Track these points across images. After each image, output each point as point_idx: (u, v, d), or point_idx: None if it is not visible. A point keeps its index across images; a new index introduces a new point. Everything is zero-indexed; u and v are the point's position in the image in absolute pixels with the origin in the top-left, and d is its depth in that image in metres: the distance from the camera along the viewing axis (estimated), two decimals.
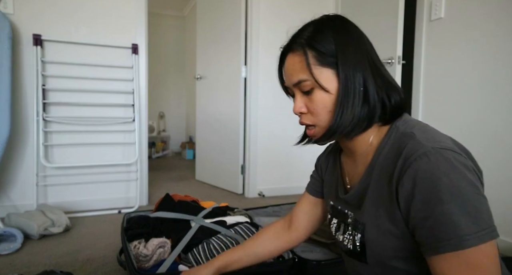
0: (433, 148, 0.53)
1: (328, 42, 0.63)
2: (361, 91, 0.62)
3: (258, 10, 2.64)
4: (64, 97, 2.17)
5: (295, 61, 0.65)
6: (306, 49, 0.64)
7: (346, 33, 0.65)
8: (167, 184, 3.06)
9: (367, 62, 0.64)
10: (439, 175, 0.51)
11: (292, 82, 0.67)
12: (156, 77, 5.18)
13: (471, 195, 0.50)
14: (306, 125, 0.69)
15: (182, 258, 1.23)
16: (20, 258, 1.48)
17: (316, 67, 0.63)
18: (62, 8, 2.14)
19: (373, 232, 0.63)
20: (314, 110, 0.65)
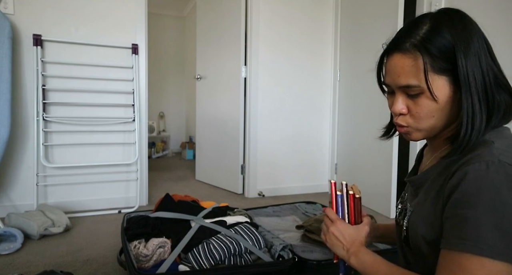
0: (500, 161, 0.52)
1: (447, 45, 0.58)
2: (484, 98, 0.58)
3: (258, 10, 2.64)
4: (64, 97, 2.17)
5: (406, 64, 0.61)
6: (422, 53, 0.59)
7: (466, 32, 0.59)
8: (167, 184, 3.06)
9: (487, 64, 0.60)
10: (489, 185, 0.50)
11: (399, 85, 0.63)
12: (156, 77, 5.17)
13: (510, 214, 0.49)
14: (399, 125, 0.66)
15: (182, 258, 1.23)
16: (20, 258, 1.48)
17: (430, 73, 0.59)
18: (62, 8, 2.14)
19: (415, 217, 0.65)
20: (417, 114, 0.63)
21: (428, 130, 0.64)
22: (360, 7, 2.54)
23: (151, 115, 5.05)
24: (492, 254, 0.48)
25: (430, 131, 0.64)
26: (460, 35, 0.59)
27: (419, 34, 0.60)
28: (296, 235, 1.55)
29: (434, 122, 0.63)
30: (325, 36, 2.86)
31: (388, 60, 0.65)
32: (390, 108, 0.68)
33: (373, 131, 2.38)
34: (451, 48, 0.58)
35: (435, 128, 0.64)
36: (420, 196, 0.67)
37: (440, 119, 0.62)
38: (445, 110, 0.61)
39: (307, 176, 2.88)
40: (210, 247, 1.20)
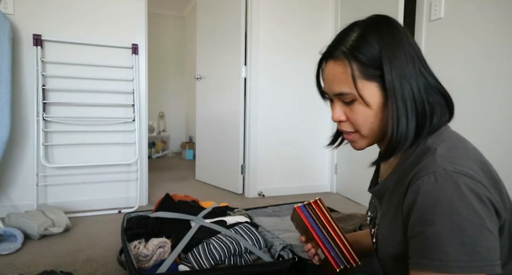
0: (444, 170, 0.52)
1: (374, 53, 0.60)
2: (411, 104, 0.60)
3: (258, 10, 2.64)
4: (64, 97, 2.17)
5: (337, 71, 0.63)
6: (350, 60, 0.61)
7: (393, 40, 0.61)
8: (167, 184, 3.06)
9: (415, 71, 0.61)
10: (441, 198, 0.50)
11: (333, 92, 0.65)
12: (156, 77, 5.17)
13: (471, 225, 0.48)
14: (347, 132, 0.67)
15: (182, 258, 1.23)
16: (20, 258, 1.48)
17: (360, 80, 0.61)
18: (62, 8, 2.14)
19: (383, 232, 0.66)
20: (355, 121, 0.64)
21: (370, 136, 0.65)
22: (360, 7, 2.54)
23: (151, 115, 5.05)
24: (461, 270, 0.48)
25: (373, 137, 0.66)
26: (387, 43, 0.60)
27: (349, 42, 0.62)
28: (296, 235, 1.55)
29: (372, 128, 0.64)
30: (325, 36, 2.85)
31: (324, 68, 0.67)
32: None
33: None
34: (378, 56, 0.60)
35: (376, 134, 0.65)
36: (384, 207, 0.68)
37: (378, 125, 0.63)
38: (379, 115, 0.62)
39: (307, 176, 2.88)
40: (210, 247, 1.20)
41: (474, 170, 0.53)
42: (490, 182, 0.53)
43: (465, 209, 0.49)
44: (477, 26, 1.73)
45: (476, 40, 1.74)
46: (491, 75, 1.67)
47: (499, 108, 1.63)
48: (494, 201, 0.52)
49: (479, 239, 0.48)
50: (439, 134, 0.61)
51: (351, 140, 0.68)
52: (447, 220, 0.49)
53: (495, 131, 1.65)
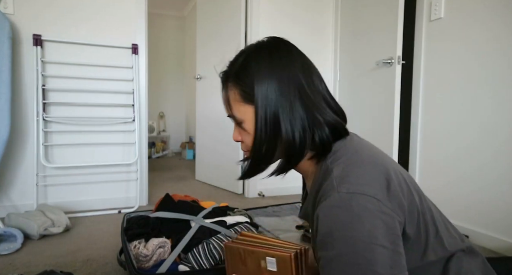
0: (338, 192, 0.53)
1: (251, 79, 0.63)
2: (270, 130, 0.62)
3: (258, 10, 2.64)
4: (64, 97, 2.17)
5: (224, 97, 0.69)
6: (232, 85, 0.66)
7: (270, 67, 0.63)
8: (167, 184, 3.06)
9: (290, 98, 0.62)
10: (336, 222, 0.52)
11: (227, 114, 0.71)
12: (156, 77, 5.17)
13: (364, 246, 0.50)
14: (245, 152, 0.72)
15: (182, 258, 1.23)
16: (20, 258, 1.48)
17: (240, 103, 0.65)
18: (62, 8, 2.14)
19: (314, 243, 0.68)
20: (245, 142, 0.68)
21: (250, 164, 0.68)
22: (360, 7, 2.54)
23: (151, 115, 5.05)
24: None
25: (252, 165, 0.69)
26: (262, 71, 0.62)
27: (235, 67, 0.67)
28: (296, 235, 1.55)
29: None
30: (325, 35, 2.85)
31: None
32: None
33: (373, 131, 2.38)
34: (254, 79, 0.62)
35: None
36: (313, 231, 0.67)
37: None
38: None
39: None
40: (210, 247, 1.20)
41: (369, 185, 0.54)
42: (390, 193, 0.55)
43: (357, 231, 0.51)
44: (477, 26, 1.73)
45: (476, 40, 1.73)
46: (491, 74, 1.67)
47: (499, 107, 1.63)
48: (392, 213, 0.53)
49: (373, 257, 0.50)
50: (335, 152, 0.63)
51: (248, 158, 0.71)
52: (342, 244, 0.51)
53: (495, 130, 1.65)
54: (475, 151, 1.73)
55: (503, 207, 1.60)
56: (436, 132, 1.95)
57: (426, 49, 2.02)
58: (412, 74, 2.12)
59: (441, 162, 1.91)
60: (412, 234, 0.58)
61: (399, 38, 2.10)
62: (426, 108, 2.02)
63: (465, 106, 1.79)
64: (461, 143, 1.81)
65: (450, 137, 1.86)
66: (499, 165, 1.62)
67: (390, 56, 2.15)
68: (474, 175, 1.73)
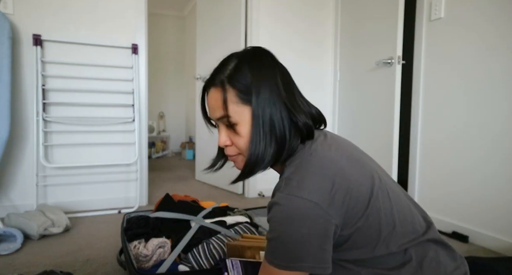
0: (281, 192, 0.62)
1: (246, 81, 0.67)
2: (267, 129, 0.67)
3: (258, 10, 2.64)
4: (64, 97, 2.17)
5: (218, 97, 0.69)
6: (228, 87, 0.68)
7: (260, 73, 0.68)
8: (167, 184, 3.06)
9: (278, 101, 0.68)
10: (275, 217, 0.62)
11: (215, 117, 0.71)
12: (156, 77, 5.17)
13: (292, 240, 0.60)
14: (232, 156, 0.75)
15: (182, 258, 1.23)
16: (20, 258, 1.48)
17: (237, 104, 0.67)
18: (62, 8, 2.14)
19: None
20: (237, 144, 0.70)
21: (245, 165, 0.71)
22: (360, 8, 2.54)
23: (151, 115, 5.05)
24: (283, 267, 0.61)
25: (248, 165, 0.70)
26: (255, 75, 0.68)
27: (227, 71, 0.69)
28: None
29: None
30: (325, 36, 2.85)
31: (207, 96, 0.73)
32: None
33: (373, 131, 2.38)
34: (249, 80, 0.67)
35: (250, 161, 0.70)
36: None
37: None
38: None
39: None
40: (210, 247, 1.20)
41: (309, 190, 0.61)
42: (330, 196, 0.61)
43: (290, 228, 0.60)
44: (477, 26, 1.73)
45: (476, 40, 1.73)
46: (491, 75, 1.67)
47: (499, 107, 1.63)
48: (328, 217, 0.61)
49: (300, 249, 0.60)
50: (293, 156, 0.70)
51: (234, 161, 0.77)
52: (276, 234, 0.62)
53: (495, 130, 1.64)
54: (476, 151, 1.73)
55: (503, 207, 1.60)
56: (436, 132, 1.95)
57: (426, 49, 2.02)
58: (412, 74, 2.12)
59: (441, 162, 1.91)
60: (354, 234, 0.65)
61: (399, 38, 2.10)
62: (426, 108, 2.02)
63: (465, 106, 1.79)
64: (461, 143, 1.80)
65: (451, 137, 1.86)
66: (500, 165, 1.62)
67: (390, 56, 2.15)
68: (475, 175, 1.73)
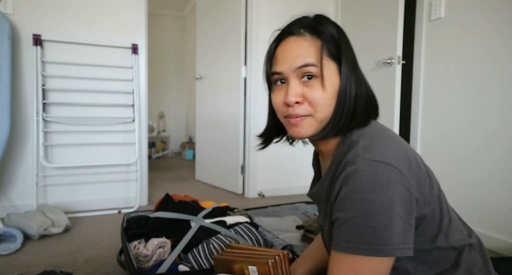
0: (364, 159, 0.55)
1: (334, 34, 0.64)
2: (353, 90, 0.63)
3: (258, 10, 2.63)
4: (64, 97, 2.17)
5: (303, 45, 0.63)
6: (315, 36, 0.63)
7: (344, 33, 0.67)
8: (167, 184, 3.06)
9: (358, 66, 0.66)
10: (359, 186, 0.53)
11: (296, 65, 0.62)
12: (156, 77, 5.17)
13: (382, 211, 0.52)
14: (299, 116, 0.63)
15: (182, 258, 1.23)
16: (20, 258, 1.48)
17: (325, 57, 0.62)
18: (62, 8, 2.14)
19: (325, 235, 0.69)
20: (314, 101, 0.62)
21: (321, 122, 0.63)
22: (360, 8, 2.54)
23: (151, 115, 5.05)
24: (370, 252, 0.52)
25: (322, 124, 0.64)
26: (342, 34, 0.66)
27: (310, 22, 0.66)
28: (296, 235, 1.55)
29: (328, 112, 0.63)
30: None
31: (281, 46, 0.66)
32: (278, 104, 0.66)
33: None
34: (337, 38, 0.64)
35: (326, 120, 0.64)
36: (323, 210, 0.70)
37: (332, 109, 0.63)
38: (335, 99, 0.63)
39: (307, 176, 2.86)
40: (210, 247, 1.20)
41: (393, 158, 0.55)
42: (411, 170, 0.56)
43: (378, 196, 0.52)
44: (477, 26, 1.73)
45: (476, 40, 1.73)
46: (491, 75, 1.66)
47: (498, 107, 1.63)
48: (411, 188, 0.54)
49: (390, 224, 0.51)
50: (363, 129, 0.64)
51: (296, 124, 0.64)
52: (361, 206, 0.53)
53: (495, 130, 1.64)
54: (476, 151, 1.73)
55: (503, 207, 1.60)
56: (436, 132, 1.95)
57: (426, 49, 2.02)
58: (412, 74, 2.12)
59: (441, 162, 1.91)
60: (427, 214, 0.58)
61: (399, 38, 2.10)
62: (426, 108, 2.02)
63: (465, 106, 1.79)
64: (462, 144, 1.80)
65: (451, 138, 1.86)
66: (502, 166, 1.62)
67: (390, 56, 2.14)
68: (474, 175, 1.73)
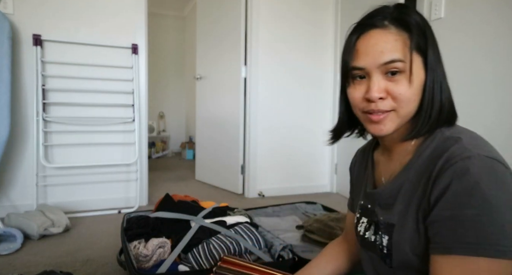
0: (479, 155, 0.51)
1: (420, 24, 0.60)
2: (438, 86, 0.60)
3: (258, 10, 2.63)
4: (64, 97, 2.17)
5: (389, 38, 0.59)
6: (401, 28, 0.59)
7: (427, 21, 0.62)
8: (167, 184, 3.06)
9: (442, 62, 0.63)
10: (479, 181, 0.49)
11: (381, 61, 0.59)
12: (156, 77, 5.17)
13: (508, 209, 0.48)
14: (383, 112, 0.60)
15: (182, 258, 1.23)
16: (20, 258, 1.48)
17: (409, 50, 0.59)
18: (62, 8, 2.14)
19: (401, 235, 0.61)
20: (399, 96, 0.59)
21: (404, 118, 0.61)
22: (360, 8, 2.53)
23: (151, 115, 5.05)
24: (500, 254, 0.47)
25: (404, 120, 0.61)
26: (426, 22, 0.61)
27: (394, 13, 0.61)
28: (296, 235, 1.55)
29: (412, 107, 0.60)
30: (325, 35, 2.85)
31: (363, 40, 0.61)
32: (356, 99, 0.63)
33: None
34: (423, 28, 0.60)
35: (409, 116, 0.61)
36: (397, 208, 0.62)
37: (417, 104, 0.60)
38: (420, 94, 0.60)
39: (307, 176, 2.87)
40: (210, 247, 1.20)
41: (502, 157, 0.53)
42: None
43: (502, 193, 0.49)
44: (477, 26, 1.73)
45: (476, 40, 1.73)
46: (491, 75, 1.66)
47: (498, 107, 1.63)
48: None
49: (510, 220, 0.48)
50: (454, 128, 0.61)
51: (382, 122, 0.61)
52: (486, 203, 0.48)
53: (495, 130, 1.64)
54: None
55: None
56: None
57: None
58: None
59: None
60: None
61: None
62: None
63: (465, 106, 1.79)
64: None
65: None
66: None
67: None
68: None
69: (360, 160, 0.83)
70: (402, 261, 0.61)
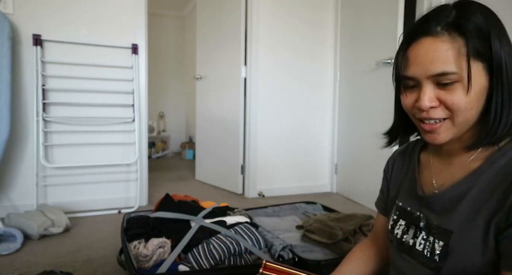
0: None
1: (481, 26, 0.54)
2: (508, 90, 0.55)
3: (258, 10, 2.64)
4: (64, 97, 2.17)
5: (441, 48, 0.55)
6: (456, 36, 0.54)
7: (496, 19, 0.57)
8: (167, 184, 3.06)
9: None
10: None
11: (431, 73, 0.56)
12: (156, 77, 5.17)
13: None
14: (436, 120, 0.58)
15: (182, 258, 1.23)
16: (20, 258, 1.48)
17: (465, 57, 0.54)
18: (62, 8, 2.14)
19: (461, 243, 0.57)
20: (454, 106, 0.56)
21: (461, 126, 0.58)
22: (360, 8, 2.54)
23: (151, 115, 5.04)
24: None
25: (462, 128, 0.58)
26: (491, 18, 0.56)
27: (450, 16, 0.56)
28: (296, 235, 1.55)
29: (470, 115, 0.57)
30: (325, 35, 2.85)
31: (414, 48, 0.58)
32: (408, 106, 0.62)
33: (373, 131, 2.38)
34: (486, 30, 0.54)
35: (468, 124, 0.58)
36: (459, 215, 0.59)
37: (476, 111, 0.57)
38: (481, 101, 0.56)
39: (307, 176, 2.87)
40: (210, 247, 1.20)
41: None
42: None
43: None
44: None
45: None
46: None
47: None
48: None
49: None
50: None
51: (436, 131, 0.59)
52: None
53: None
54: None
55: None
56: None
57: None
58: None
59: None
60: None
61: (399, 38, 2.10)
62: None
63: None
64: None
65: None
66: None
67: (390, 56, 2.14)
68: None
69: (399, 162, 0.80)
70: (455, 268, 0.58)
